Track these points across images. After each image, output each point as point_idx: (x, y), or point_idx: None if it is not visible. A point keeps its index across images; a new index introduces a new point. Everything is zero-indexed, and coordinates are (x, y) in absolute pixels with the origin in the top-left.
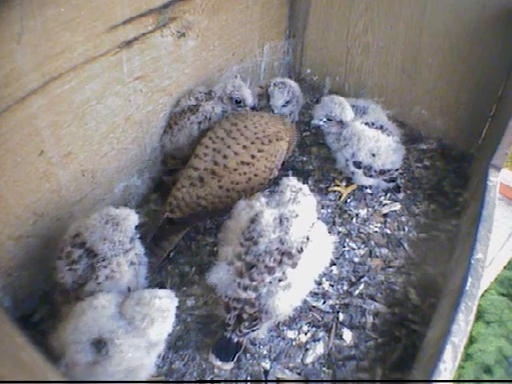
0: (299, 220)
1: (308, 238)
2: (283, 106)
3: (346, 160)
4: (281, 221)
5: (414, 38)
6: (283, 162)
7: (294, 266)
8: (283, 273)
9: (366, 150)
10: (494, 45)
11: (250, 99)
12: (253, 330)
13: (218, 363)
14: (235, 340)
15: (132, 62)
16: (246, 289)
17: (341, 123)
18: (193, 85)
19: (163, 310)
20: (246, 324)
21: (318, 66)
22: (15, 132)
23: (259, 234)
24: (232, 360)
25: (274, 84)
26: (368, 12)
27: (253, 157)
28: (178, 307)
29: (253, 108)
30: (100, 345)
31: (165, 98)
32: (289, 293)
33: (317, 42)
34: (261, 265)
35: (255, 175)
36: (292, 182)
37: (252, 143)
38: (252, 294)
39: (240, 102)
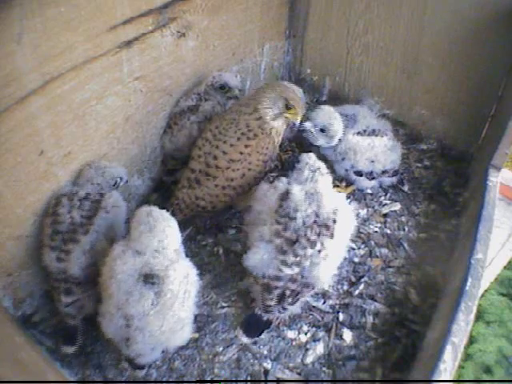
0: (327, 194)
1: (337, 209)
2: None
3: (346, 170)
4: (311, 195)
5: (413, 37)
6: (282, 159)
7: (332, 236)
8: (322, 244)
9: (364, 159)
10: (494, 45)
11: (232, 81)
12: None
13: (244, 339)
14: (265, 318)
15: (132, 62)
16: (291, 265)
17: (329, 138)
18: (193, 85)
19: (163, 215)
20: (290, 300)
21: (317, 66)
22: (15, 132)
23: (295, 209)
24: (258, 336)
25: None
26: (368, 12)
27: (241, 153)
28: None
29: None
30: (149, 278)
31: (165, 98)
32: (327, 263)
33: (317, 42)
34: (302, 239)
35: (249, 169)
36: (311, 159)
37: (238, 139)
38: (296, 269)
39: (224, 88)
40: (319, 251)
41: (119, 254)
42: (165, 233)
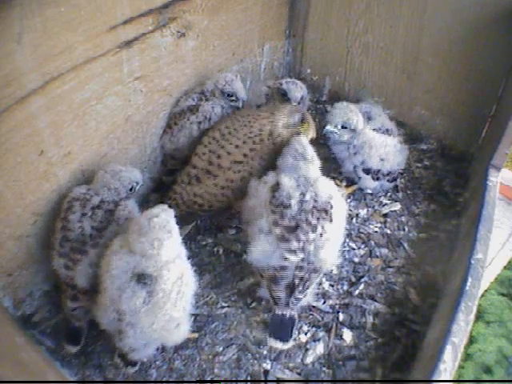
0: (321, 180)
1: (332, 195)
2: (299, 102)
3: (354, 167)
4: (303, 184)
5: (413, 37)
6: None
7: (331, 220)
8: (323, 227)
9: (376, 156)
10: (494, 45)
11: (241, 92)
12: (305, 296)
13: (279, 345)
14: (288, 315)
15: (132, 62)
16: (295, 251)
17: (353, 131)
18: (193, 85)
19: (164, 225)
20: (301, 288)
21: (317, 66)
22: (15, 132)
23: (288, 197)
24: (291, 337)
25: (286, 82)
26: (368, 12)
27: (245, 156)
28: None
29: (258, 106)
30: (142, 278)
31: (165, 98)
32: (330, 245)
33: (317, 42)
34: (303, 224)
35: (250, 173)
36: (299, 144)
37: (244, 142)
38: (301, 255)
39: (232, 96)
40: (321, 235)
41: (117, 249)
42: (163, 242)
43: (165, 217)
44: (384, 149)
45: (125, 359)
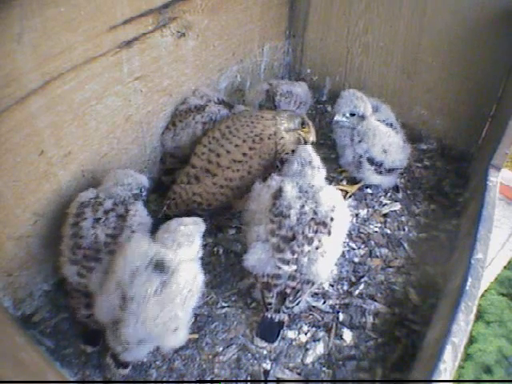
0: (324, 191)
1: (334, 207)
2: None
3: (354, 157)
4: (306, 193)
5: (413, 37)
6: (282, 159)
7: (329, 233)
8: (319, 241)
9: (380, 145)
10: (494, 45)
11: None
12: (297, 304)
13: (265, 345)
14: (277, 319)
15: (132, 62)
16: (288, 262)
17: (362, 118)
18: (193, 85)
19: (188, 234)
20: (291, 298)
21: (317, 66)
22: (15, 132)
23: (288, 207)
24: (277, 339)
25: (281, 94)
26: (368, 12)
27: (244, 155)
28: None
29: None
30: (160, 266)
31: (165, 98)
32: (325, 259)
33: (317, 42)
34: (300, 236)
35: (248, 173)
36: (305, 152)
37: (244, 141)
38: (293, 267)
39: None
40: (316, 248)
41: (136, 239)
42: (181, 246)
43: (192, 228)
44: (387, 139)
45: (117, 360)
